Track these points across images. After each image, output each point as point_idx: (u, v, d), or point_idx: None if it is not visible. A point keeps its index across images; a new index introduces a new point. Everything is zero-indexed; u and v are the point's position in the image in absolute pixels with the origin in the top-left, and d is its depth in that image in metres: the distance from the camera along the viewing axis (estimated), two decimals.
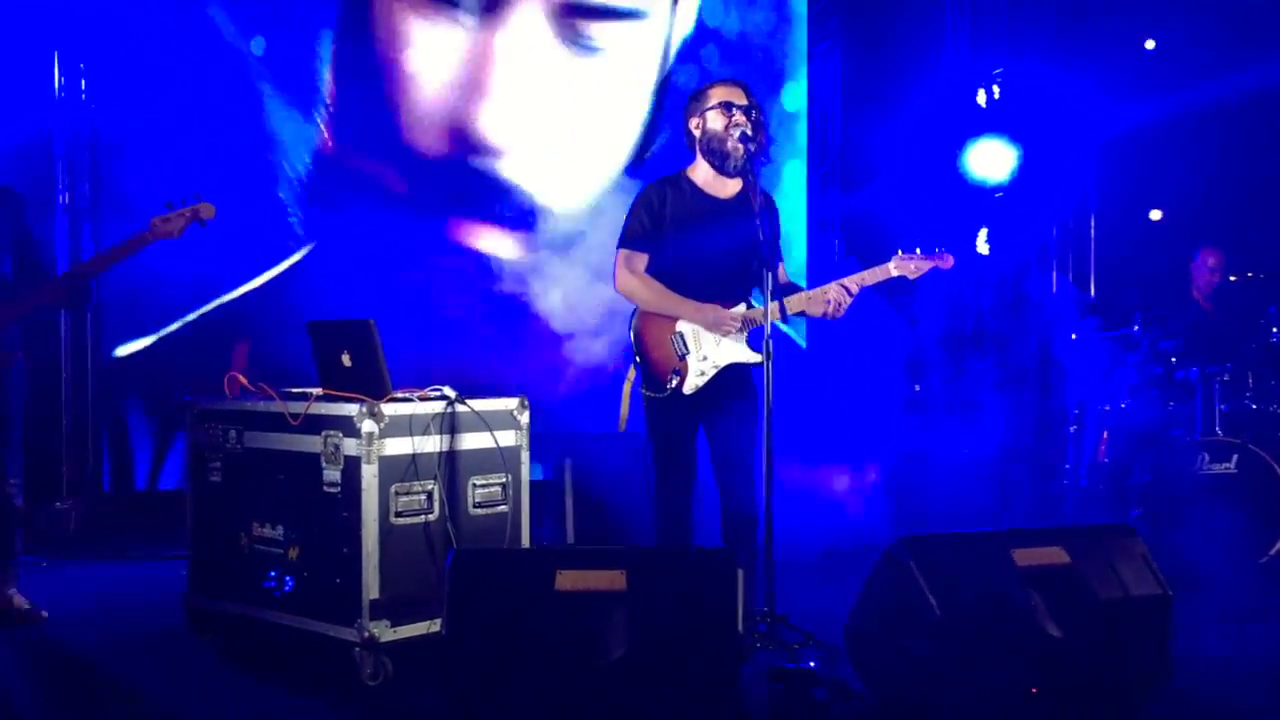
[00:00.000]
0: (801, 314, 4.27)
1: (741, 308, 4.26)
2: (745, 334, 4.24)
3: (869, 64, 7.98)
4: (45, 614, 4.56)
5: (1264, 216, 6.99)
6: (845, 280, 4.25)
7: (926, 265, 4.26)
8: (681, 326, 4.26)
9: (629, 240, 4.30)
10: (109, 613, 4.86)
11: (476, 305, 6.82)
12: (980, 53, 7.90)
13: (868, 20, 7.95)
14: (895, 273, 4.26)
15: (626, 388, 4.32)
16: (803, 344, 7.61)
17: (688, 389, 4.22)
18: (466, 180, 6.96)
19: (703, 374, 4.22)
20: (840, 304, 4.20)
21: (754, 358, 4.22)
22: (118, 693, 3.87)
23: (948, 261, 4.26)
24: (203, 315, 6.41)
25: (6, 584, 4.53)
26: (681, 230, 4.27)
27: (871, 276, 4.26)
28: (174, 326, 6.39)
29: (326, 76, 6.72)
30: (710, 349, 4.23)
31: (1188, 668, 3.73)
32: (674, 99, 7.18)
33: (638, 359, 4.31)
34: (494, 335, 6.68)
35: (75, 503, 6.41)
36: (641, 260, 4.28)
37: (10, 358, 4.50)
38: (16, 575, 4.59)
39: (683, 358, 4.23)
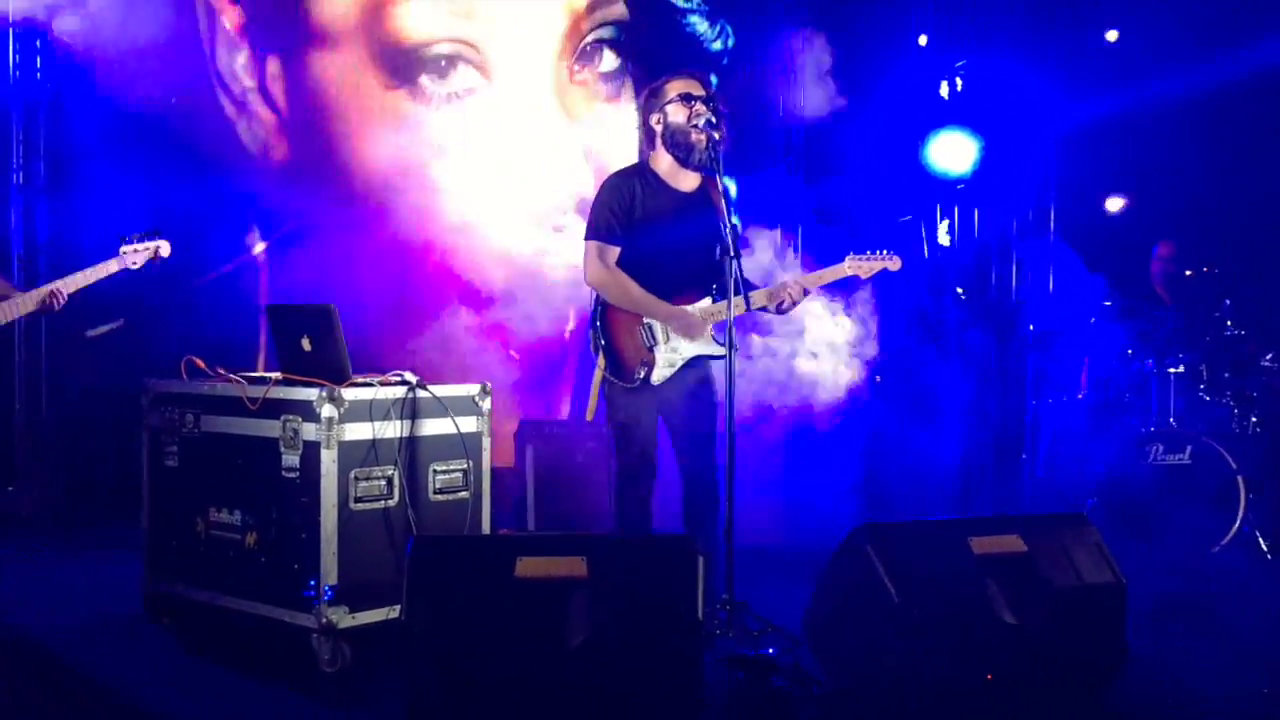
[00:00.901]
0: (763, 309, 4.36)
1: (706, 302, 4.31)
2: (710, 326, 4.30)
3: (835, 55, 8.00)
4: None
5: (1224, 211, 7.08)
6: (803, 277, 4.41)
7: (876, 266, 4.42)
8: (649, 319, 4.30)
9: (600, 233, 4.31)
10: (64, 599, 4.80)
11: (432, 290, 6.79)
12: (943, 45, 7.94)
13: (834, 12, 7.97)
14: (849, 272, 4.43)
15: (597, 376, 4.35)
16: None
17: (655, 379, 4.27)
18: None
19: (671, 365, 4.28)
20: (795, 300, 4.34)
21: (721, 350, 4.28)
22: (72, 679, 3.83)
23: (895, 263, 4.42)
24: (167, 300, 6.33)
25: None
26: (650, 223, 4.31)
27: (830, 275, 4.42)
28: (138, 311, 6.32)
29: (275, 69, 6.67)
30: (679, 341, 4.30)
31: (1141, 654, 3.78)
32: None
33: (603, 350, 4.33)
34: (449, 320, 6.67)
35: (29, 487, 6.32)
36: (613, 253, 4.31)
37: None
38: None
39: (651, 349, 4.28)
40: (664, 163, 4.37)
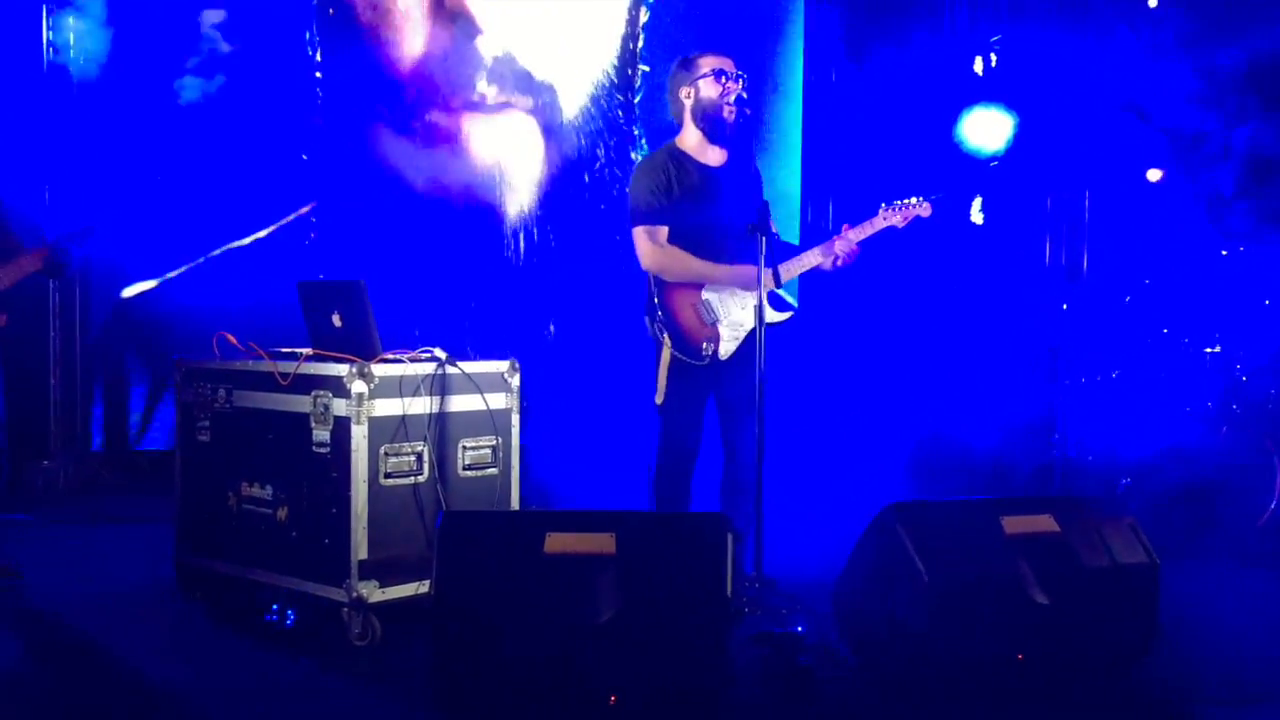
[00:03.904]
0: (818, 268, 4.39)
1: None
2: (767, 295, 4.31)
3: (867, 29, 7.92)
4: (20, 574, 4.51)
5: (1262, 187, 6.96)
6: (848, 232, 4.39)
7: (909, 213, 4.40)
8: (707, 294, 4.34)
9: (645, 215, 4.33)
10: (96, 571, 4.86)
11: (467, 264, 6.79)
12: (979, 20, 7.84)
13: None
14: (884, 224, 4.40)
15: (665, 357, 4.30)
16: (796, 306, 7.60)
17: (724, 354, 4.32)
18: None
19: (735, 339, 4.33)
20: (845, 255, 4.34)
21: (779, 316, 4.35)
22: (103, 651, 3.87)
23: (925, 209, 4.39)
24: (204, 263, 6.34)
25: None
26: (689, 201, 4.35)
27: (870, 228, 4.40)
28: (177, 271, 6.34)
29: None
30: (737, 313, 4.34)
31: (1174, 635, 3.75)
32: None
33: (667, 331, 4.31)
34: (488, 295, 6.67)
35: (63, 461, 6.39)
36: (662, 233, 4.34)
37: None
38: None
39: (714, 325, 4.32)
40: (691, 138, 4.39)
